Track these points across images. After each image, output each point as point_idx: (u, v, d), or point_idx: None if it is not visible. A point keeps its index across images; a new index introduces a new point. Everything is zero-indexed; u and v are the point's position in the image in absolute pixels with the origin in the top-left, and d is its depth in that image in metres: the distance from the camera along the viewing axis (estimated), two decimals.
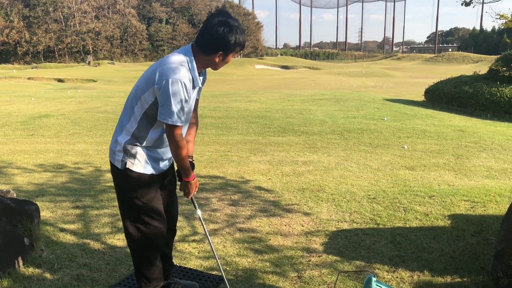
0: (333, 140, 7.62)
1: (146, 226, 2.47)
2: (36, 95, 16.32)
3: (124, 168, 2.38)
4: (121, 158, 2.39)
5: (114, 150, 2.42)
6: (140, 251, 2.53)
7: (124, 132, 2.39)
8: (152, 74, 2.25)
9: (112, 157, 2.44)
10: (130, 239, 2.52)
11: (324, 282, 2.89)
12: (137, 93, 2.33)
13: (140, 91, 2.31)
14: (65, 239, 3.51)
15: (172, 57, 2.29)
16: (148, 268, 2.54)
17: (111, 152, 2.46)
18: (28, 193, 4.64)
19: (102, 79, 30.39)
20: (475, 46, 63.45)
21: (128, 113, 2.38)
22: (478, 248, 3.37)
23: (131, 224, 2.49)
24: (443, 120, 10.02)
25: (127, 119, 2.39)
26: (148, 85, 2.26)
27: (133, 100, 2.35)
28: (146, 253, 2.52)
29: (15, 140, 7.92)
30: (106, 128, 8.98)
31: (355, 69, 37.88)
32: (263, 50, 71.77)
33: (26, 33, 53.64)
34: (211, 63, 2.36)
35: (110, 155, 2.47)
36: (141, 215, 2.46)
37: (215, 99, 13.76)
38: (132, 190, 2.42)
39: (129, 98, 2.40)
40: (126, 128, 2.39)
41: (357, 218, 4.01)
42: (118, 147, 2.40)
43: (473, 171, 5.70)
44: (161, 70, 2.22)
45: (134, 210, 2.46)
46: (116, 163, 2.41)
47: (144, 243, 2.49)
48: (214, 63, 2.36)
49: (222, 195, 4.66)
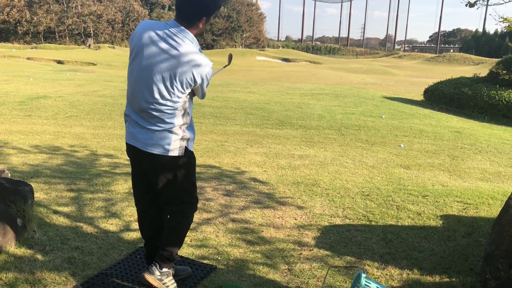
0: (330, 135, 7.63)
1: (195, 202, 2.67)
2: (35, 75, 16.22)
3: (183, 153, 2.46)
4: (179, 145, 2.42)
5: (167, 141, 2.38)
6: (186, 229, 2.66)
7: (177, 122, 2.39)
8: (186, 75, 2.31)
9: (162, 148, 2.39)
10: (187, 219, 2.63)
11: (314, 275, 2.91)
12: (175, 76, 2.31)
13: (179, 73, 2.30)
14: (58, 221, 3.52)
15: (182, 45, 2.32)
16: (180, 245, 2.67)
17: (159, 146, 2.39)
18: (22, 174, 4.63)
19: (102, 63, 30.24)
20: (477, 48, 63.46)
21: (167, 98, 2.33)
22: (468, 249, 3.40)
23: (191, 205, 2.63)
24: (440, 120, 10.04)
25: (168, 105, 2.35)
26: (187, 84, 2.33)
27: (171, 83, 2.31)
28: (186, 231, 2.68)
29: (12, 120, 7.88)
30: (103, 112, 8.95)
31: (355, 65, 37.82)
32: (265, 41, 71.54)
33: (27, 12, 53.21)
34: (197, 31, 2.43)
35: (157, 148, 2.39)
36: (195, 192, 2.65)
37: (214, 89, 13.72)
38: (192, 170, 2.57)
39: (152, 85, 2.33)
40: (176, 118, 2.38)
41: (350, 214, 4.03)
42: (175, 136, 2.39)
43: (467, 172, 5.73)
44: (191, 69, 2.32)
45: (193, 189, 2.62)
46: (171, 152, 2.40)
47: (191, 219, 2.67)
48: (199, 29, 2.43)
49: (217, 185, 4.67)
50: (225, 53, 53.79)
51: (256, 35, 68.57)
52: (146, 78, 2.34)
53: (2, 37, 51.88)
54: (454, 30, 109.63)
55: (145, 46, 2.32)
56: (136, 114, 2.41)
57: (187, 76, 2.32)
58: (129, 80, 2.44)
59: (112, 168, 5.08)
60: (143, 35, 2.34)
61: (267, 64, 39.46)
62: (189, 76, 2.33)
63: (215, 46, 60.09)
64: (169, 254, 2.56)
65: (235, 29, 64.02)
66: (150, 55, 2.31)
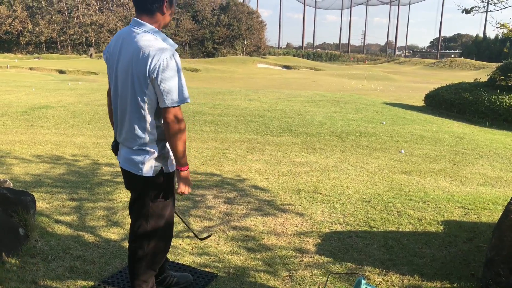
0: (331, 142, 7.65)
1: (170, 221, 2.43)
2: (37, 85, 16.32)
3: (159, 173, 2.25)
4: (154, 164, 2.23)
5: (141, 160, 2.22)
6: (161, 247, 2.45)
7: (150, 141, 2.21)
8: (141, 68, 2.07)
9: (136, 167, 2.24)
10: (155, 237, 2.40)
11: (315, 282, 2.91)
12: (140, 94, 2.12)
13: (139, 89, 2.11)
14: (60, 230, 3.53)
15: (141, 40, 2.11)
16: (159, 263, 2.48)
17: (133, 163, 2.25)
18: (25, 184, 4.66)
19: (104, 72, 30.35)
20: (478, 53, 63.56)
21: (141, 121, 2.17)
22: (470, 255, 3.40)
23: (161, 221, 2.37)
24: (441, 126, 10.05)
25: (143, 129, 2.19)
26: (145, 79, 2.07)
27: (139, 102, 2.14)
28: (166, 247, 2.48)
29: (14, 130, 7.93)
30: (105, 122, 8.99)
31: (356, 72, 37.92)
32: (266, 49, 71.83)
33: (29, 23, 53.63)
34: (163, 19, 2.19)
35: (131, 166, 2.26)
36: (169, 209, 2.40)
37: (215, 97, 13.78)
38: (167, 190, 2.33)
39: (126, 101, 2.18)
40: (149, 137, 2.20)
41: (351, 220, 4.04)
42: (150, 156, 2.22)
43: (468, 178, 5.73)
44: (146, 58, 2.05)
45: (167, 206, 2.38)
46: (145, 173, 2.23)
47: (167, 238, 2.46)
48: (165, 16, 2.19)
49: (218, 192, 4.68)
50: (226, 61, 53.47)
51: (257, 43, 68.88)
52: (120, 91, 2.22)
53: (5, 47, 52.26)
54: (455, 35, 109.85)
55: (113, 57, 2.23)
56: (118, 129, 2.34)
57: (141, 69, 2.06)
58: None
59: (113, 177, 5.10)
60: (113, 48, 2.24)
61: (268, 71, 39.60)
62: (142, 69, 2.06)
63: (216, 54, 60.37)
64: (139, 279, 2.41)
65: (236, 37, 64.36)
66: (118, 65, 2.19)
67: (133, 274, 2.45)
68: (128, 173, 2.30)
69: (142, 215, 2.36)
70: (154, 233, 2.37)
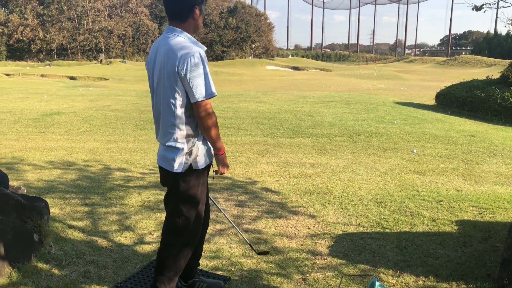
0: (342, 143, 7.61)
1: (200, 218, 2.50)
2: (49, 92, 16.53)
3: (188, 169, 2.36)
4: (184, 161, 2.35)
5: (172, 157, 2.35)
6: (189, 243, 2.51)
7: (179, 138, 2.33)
8: (171, 66, 2.23)
9: (169, 164, 2.37)
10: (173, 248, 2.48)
11: (329, 285, 2.89)
12: (171, 94, 2.27)
13: (170, 89, 2.26)
14: (73, 236, 3.56)
15: (171, 42, 2.29)
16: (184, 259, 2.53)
17: (166, 160, 2.39)
18: (38, 190, 4.71)
19: (114, 78, 30.65)
20: (489, 49, 62.77)
21: (172, 118, 2.32)
22: (485, 255, 3.35)
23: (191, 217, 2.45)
24: (453, 124, 9.94)
25: (173, 125, 2.32)
26: (174, 76, 2.23)
27: (170, 104, 2.29)
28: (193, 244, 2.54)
29: (27, 137, 8.03)
30: (116, 127, 9.06)
31: (366, 71, 37.73)
32: (274, 51, 71.81)
33: (40, 31, 54.35)
34: (194, 24, 2.36)
35: (165, 163, 2.40)
36: (199, 206, 2.47)
37: (224, 99, 13.81)
38: (196, 186, 2.42)
39: (160, 99, 2.35)
40: (178, 134, 2.33)
41: (363, 221, 4.01)
42: (179, 153, 2.34)
43: (482, 176, 5.65)
44: (181, 60, 2.21)
45: (197, 203, 2.45)
46: (176, 169, 2.35)
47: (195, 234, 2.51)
48: (196, 21, 2.36)
49: (229, 195, 4.68)
50: (235, 64, 53.48)
51: (265, 45, 68.93)
52: (156, 91, 2.40)
53: (17, 55, 53.03)
54: (465, 32, 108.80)
55: (150, 63, 2.41)
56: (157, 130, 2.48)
57: (171, 67, 2.23)
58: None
59: (125, 182, 5.13)
60: (150, 54, 2.43)
61: (276, 73, 39.57)
62: (172, 67, 2.23)
63: (224, 57, 60.54)
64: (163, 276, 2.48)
65: (244, 39, 64.48)
66: (155, 68, 2.37)
67: (158, 267, 2.51)
68: (162, 169, 2.46)
69: (173, 210, 2.48)
70: (183, 228, 2.46)
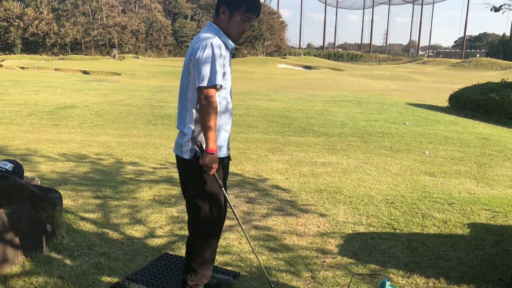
0: (353, 143, 7.57)
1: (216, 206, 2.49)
2: (62, 86, 16.70)
3: (194, 156, 2.37)
4: (190, 148, 2.37)
5: (181, 142, 2.40)
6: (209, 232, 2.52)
7: (188, 122, 2.37)
8: (190, 52, 2.34)
9: (180, 150, 2.42)
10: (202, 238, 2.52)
11: (338, 283, 2.89)
12: (186, 79, 2.39)
13: (186, 75, 2.37)
14: (85, 227, 3.60)
15: (200, 34, 2.42)
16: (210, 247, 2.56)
17: (178, 146, 2.45)
18: (51, 181, 4.77)
19: (126, 73, 30.86)
20: (505, 52, 61.92)
21: (185, 101, 2.40)
22: (497, 259, 3.32)
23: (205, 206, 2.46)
24: (466, 127, 9.83)
25: (186, 108, 2.40)
26: (189, 62, 2.33)
27: (185, 87, 2.40)
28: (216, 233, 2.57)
29: (41, 129, 8.13)
30: (128, 121, 9.13)
31: (378, 72, 37.47)
32: (287, 49, 71.65)
33: (55, 25, 54.91)
34: (227, 24, 2.39)
35: (177, 149, 2.46)
36: (214, 194, 2.45)
37: (236, 97, 13.82)
38: (203, 174, 2.39)
39: (181, 88, 2.45)
40: (188, 117, 2.38)
41: (374, 221, 3.99)
42: (186, 138, 2.37)
43: (495, 180, 5.59)
44: (195, 48, 2.30)
45: (208, 191, 2.43)
46: (184, 155, 2.39)
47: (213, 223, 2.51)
48: (227, 21, 2.38)
49: (239, 192, 4.69)
50: (247, 62, 53.47)
51: (278, 43, 68.82)
52: (181, 81, 2.49)
53: (32, 49, 53.66)
54: (480, 34, 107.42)
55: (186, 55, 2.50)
56: None
57: (189, 55, 2.33)
58: None
59: (137, 175, 5.17)
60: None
61: (288, 71, 39.48)
62: (189, 54, 2.33)
63: (237, 55, 60.58)
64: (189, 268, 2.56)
65: (256, 37, 64.43)
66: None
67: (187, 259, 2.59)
68: (176, 156, 2.50)
69: (188, 197, 2.52)
70: (199, 217, 2.47)
